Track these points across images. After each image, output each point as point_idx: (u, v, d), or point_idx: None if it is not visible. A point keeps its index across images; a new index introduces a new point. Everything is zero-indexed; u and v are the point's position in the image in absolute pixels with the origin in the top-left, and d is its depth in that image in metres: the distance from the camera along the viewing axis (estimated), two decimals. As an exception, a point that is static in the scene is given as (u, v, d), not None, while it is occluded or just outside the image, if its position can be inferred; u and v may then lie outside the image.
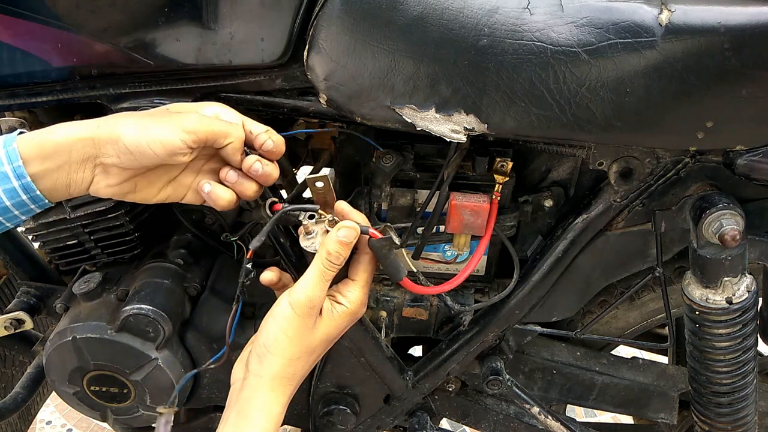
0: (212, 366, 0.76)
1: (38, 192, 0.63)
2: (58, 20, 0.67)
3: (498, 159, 0.78)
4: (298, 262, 0.85)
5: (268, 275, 0.74)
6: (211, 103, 0.69)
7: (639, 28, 0.63)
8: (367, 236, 0.69)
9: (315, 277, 0.66)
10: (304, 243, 0.70)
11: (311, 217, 0.71)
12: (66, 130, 0.63)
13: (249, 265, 0.70)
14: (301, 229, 0.71)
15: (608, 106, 0.66)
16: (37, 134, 0.63)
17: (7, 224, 0.64)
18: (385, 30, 0.66)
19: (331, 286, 0.69)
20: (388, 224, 0.75)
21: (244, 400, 0.67)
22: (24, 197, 0.62)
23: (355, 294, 0.70)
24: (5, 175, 0.61)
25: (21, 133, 0.64)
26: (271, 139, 0.68)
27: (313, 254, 0.68)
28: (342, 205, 0.71)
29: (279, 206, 0.71)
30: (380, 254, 0.70)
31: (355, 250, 0.71)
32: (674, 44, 0.62)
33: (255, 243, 0.70)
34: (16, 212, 0.63)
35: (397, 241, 0.70)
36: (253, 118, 0.79)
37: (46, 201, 0.64)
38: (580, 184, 0.85)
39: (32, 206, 0.64)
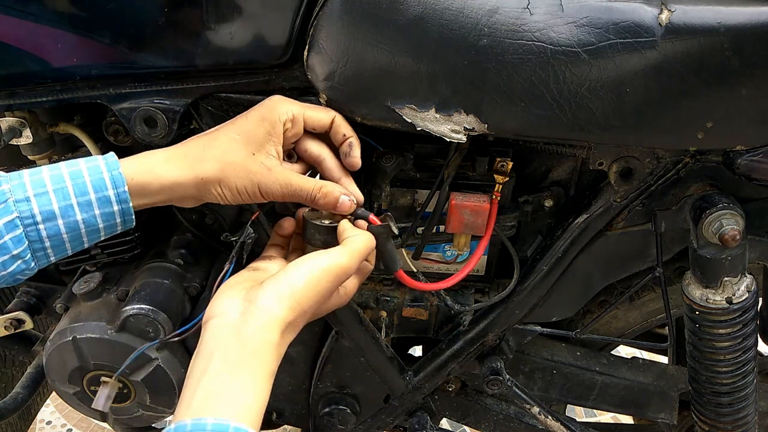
0: (186, 335, 0.73)
1: (132, 216, 0.64)
2: (58, 20, 0.67)
3: (498, 159, 0.78)
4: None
5: (287, 224, 0.73)
6: (273, 99, 0.69)
7: (639, 28, 0.63)
8: (367, 222, 0.70)
9: (359, 255, 0.66)
10: (315, 220, 0.71)
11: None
12: (171, 174, 0.64)
13: (251, 228, 0.71)
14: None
15: (608, 106, 0.66)
16: (141, 170, 0.63)
17: (87, 244, 0.64)
18: (385, 30, 0.66)
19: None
20: (389, 213, 0.74)
21: (250, 337, 0.59)
22: (118, 220, 0.63)
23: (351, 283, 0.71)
24: (107, 199, 0.61)
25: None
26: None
27: (324, 227, 0.69)
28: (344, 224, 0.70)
29: None
30: (378, 241, 0.70)
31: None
32: (674, 44, 0.62)
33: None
34: (103, 233, 0.64)
35: (395, 230, 0.71)
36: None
37: (134, 221, 0.65)
38: (580, 184, 0.85)
39: (119, 227, 0.65)
